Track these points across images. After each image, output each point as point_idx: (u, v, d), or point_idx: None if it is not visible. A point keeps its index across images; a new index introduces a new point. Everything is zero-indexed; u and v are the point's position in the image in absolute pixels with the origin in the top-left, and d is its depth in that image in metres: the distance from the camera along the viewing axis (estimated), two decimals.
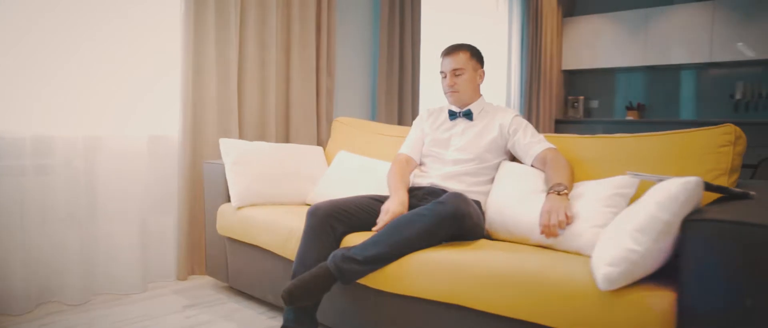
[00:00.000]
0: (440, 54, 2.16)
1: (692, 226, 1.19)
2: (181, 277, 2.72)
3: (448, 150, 2.13)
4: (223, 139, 2.43)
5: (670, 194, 1.21)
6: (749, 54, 5.01)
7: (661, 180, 1.39)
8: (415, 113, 4.09)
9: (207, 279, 2.75)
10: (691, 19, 5.26)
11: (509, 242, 1.83)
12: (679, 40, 5.32)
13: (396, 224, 1.71)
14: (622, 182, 1.68)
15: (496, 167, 2.08)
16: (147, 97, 2.57)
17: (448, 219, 1.65)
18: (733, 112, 5.27)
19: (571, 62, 6.06)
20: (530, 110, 5.53)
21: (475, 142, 2.09)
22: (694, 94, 5.56)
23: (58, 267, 2.32)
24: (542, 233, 1.67)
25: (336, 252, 1.74)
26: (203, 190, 2.70)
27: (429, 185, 2.06)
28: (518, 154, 2.06)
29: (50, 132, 2.29)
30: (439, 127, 2.20)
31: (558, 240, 1.66)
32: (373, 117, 3.90)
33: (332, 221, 1.84)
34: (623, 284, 1.25)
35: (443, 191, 2.01)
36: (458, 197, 1.69)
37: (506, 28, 5.22)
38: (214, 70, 2.75)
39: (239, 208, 2.32)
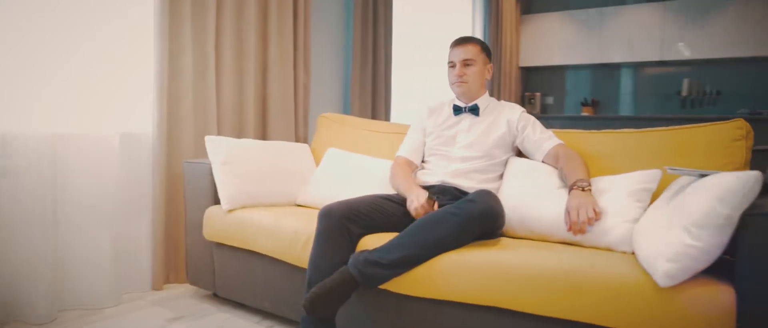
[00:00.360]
0: (451, 45, 2.09)
1: (752, 220, 1.19)
2: (157, 286, 2.51)
3: (454, 147, 2.06)
4: (209, 136, 2.25)
5: (731, 189, 1.19)
6: (686, 54, 5.29)
7: (703, 175, 1.39)
8: (388, 110, 4.02)
9: (186, 288, 2.55)
10: (642, 18, 5.49)
11: (529, 239, 1.79)
12: (631, 39, 5.54)
13: (422, 224, 1.62)
14: (645, 177, 1.68)
15: (504, 164, 2.04)
16: (118, 91, 2.34)
17: (480, 218, 1.59)
18: (680, 108, 5.55)
19: (527, 59, 6.18)
20: None
21: (483, 139, 2.03)
22: (644, 91, 5.81)
23: (19, 281, 2.06)
24: (570, 229, 1.64)
25: (356, 256, 1.64)
26: (182, 191, 2.50)
27: (439, 183, 1.98)
28: (528, 150, 2.03)
29: (10, 130, 2.03)
30: (443, 123, 2.13)
31: (586, 237, 1.64)
32: (347, 113, 3.80)
33: (347, 222, 1.72)
34: (682, 279, 1.23)
35: (456, 189, 1.95)
36: (489, 194, 1.63)
37: (470, 26, 5.24)
38: (190, 61, 2.55)
39: (230, 211, 2.16)
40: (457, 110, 2.12)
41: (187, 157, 2.55)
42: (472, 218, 1.58)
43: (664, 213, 1.41)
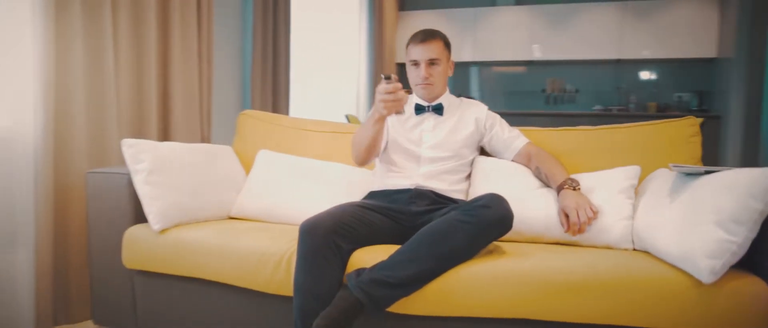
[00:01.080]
0: (412, 40, 1.91)
1: None
2: None
3: (421, 147, 1.91)
4: (127, 140, 1.81)
5: (764, 184, 1.23)
6: (537, 54, 5.80)
7: (708, 172, 1.43)
8: (287, 107, 3.73)
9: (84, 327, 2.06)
10: (512, 20, 5.86)
11: (516, 242, 1.72)
12: (502, 39, 5.88)
13: (431, 235, 1.45)
14: (629, 173, 1.71)
15: (470, 164, 1.95)
16: None
17: (497, 224, 1.46)
18: (544, 105, 6.05)
19: (404, 55, 6.24)
20: None
21: (451, 138, 1.92)
22: (513, 88, 6.22)
23: None
24: (569, 230, 1.60)
25: (358, 277, 1.42)
26: (79, 208, 2.01)
27: (414, 187, 1.82)
28: (496, 149, 1.96)
29: None
30: (406, 122, 1.97)
31: (584, 236, 1.61)
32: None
33: (336, 238, 1.49)
34: (721, 274, 1.25)
35: (432, 192, 1.81)
36: (501, 198, 1.51)
37: (356, 23, 5.12)
38: (81, 48, 2.05)
39: (163, 231, 1.76)
40: (419, 109, 1.97)
41: (79, 165, 2.05)
42: (489, 225, 1.45)
43: (674, 210, 1.43)
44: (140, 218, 1.82)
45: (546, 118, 5.52)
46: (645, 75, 5.78)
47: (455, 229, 1.45)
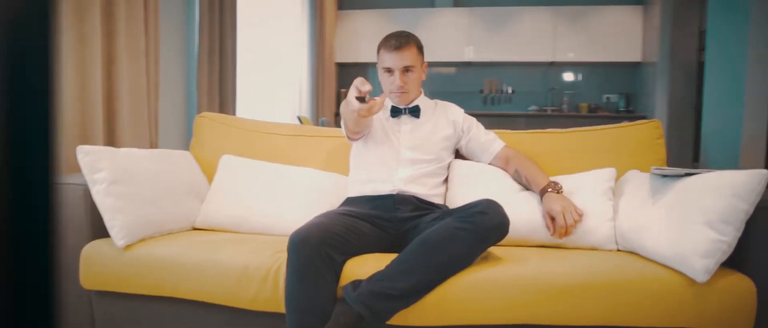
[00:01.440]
0: (384, 47, 1.82)
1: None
2: None
3: (401, 149, 1.88)
4: (83, 147, 1.63)
5: (749, 186, 1.30)
6: (469, 56, 5.95)
7: (689, 174, 1.49)
8: (235, 108, 3.57)
9: None
10: (451, 21, 5.95)
11: (501, 246, 1.71)
12: (440, 40, 5.95)
13: (430, 243, 1.41)
14: (606, 175, 1.76)
15: (447, 167, 1.94)
16: None
17: (495, 230, 1.45)
18: (482, 105, 6.20)
19: (342, 55, 6.18)
20: (318, 104, 5.44)
21: (430, 141, 1.89)
22: (451, 89, 6.32)
23: None
24: (556, 233, 1.62)
25: (356, 289, 1.36)
26: None
27: (396, 192, 1.77)
28: (473, 152, 1.95)
29: None
30: (385, 124, 1.92)
31: (569, 238, 1.64)
32: (193, 113, 3.25)
33: (328, 249, 1.42)
34: (713, 273, 1.31)
35: (414, 198, 1.77)
36: (497, 204, 1.50)
37: (299, 22, 5.00)
38: None
39: (128, 247, 1.60)
40: (395, 112, 1.93)
41: None
42: (488, 232, 1.44)
43: (659, 211, 1.48)
44: (99, 232, 1.66)
45: (484, 119, 5.64)
46: (576, 77, 6.07)
47: (454, 236, 1.42)
